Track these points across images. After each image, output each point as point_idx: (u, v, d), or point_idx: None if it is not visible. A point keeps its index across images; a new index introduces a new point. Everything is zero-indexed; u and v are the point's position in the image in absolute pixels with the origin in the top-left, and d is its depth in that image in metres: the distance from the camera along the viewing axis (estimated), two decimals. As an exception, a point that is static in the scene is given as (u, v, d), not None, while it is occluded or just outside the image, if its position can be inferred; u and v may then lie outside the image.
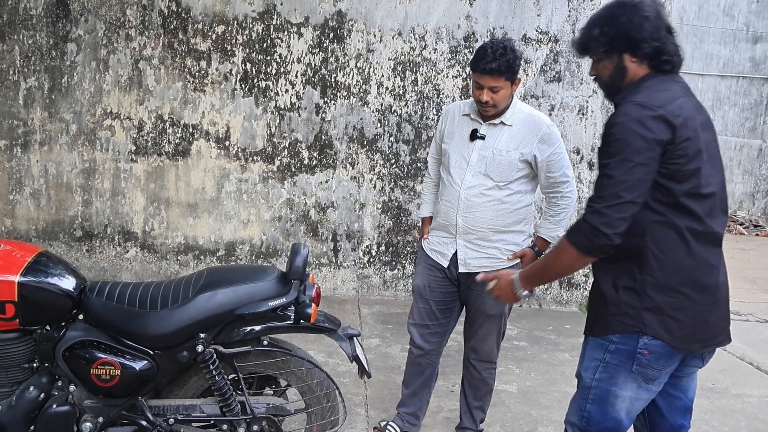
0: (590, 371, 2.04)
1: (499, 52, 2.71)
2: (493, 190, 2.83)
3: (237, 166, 5.42)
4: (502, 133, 2.83)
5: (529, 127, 2.83)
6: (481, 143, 2.84)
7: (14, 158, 5.34)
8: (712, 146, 1.98)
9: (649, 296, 1.90)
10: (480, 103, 2.80)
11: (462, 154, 2.88)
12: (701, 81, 12.01)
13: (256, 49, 5.31)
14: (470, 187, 2.83)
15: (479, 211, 2.84)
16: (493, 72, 2.71)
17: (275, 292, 2.41)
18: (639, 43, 1.95)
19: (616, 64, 2.00)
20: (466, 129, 2.89)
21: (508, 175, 2.82)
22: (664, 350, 1.93)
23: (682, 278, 1.90)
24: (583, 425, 2.06)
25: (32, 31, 5.22)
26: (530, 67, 5.46)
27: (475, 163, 2.84)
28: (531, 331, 4.96)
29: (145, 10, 5.24)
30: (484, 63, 2.71)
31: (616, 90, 2.03)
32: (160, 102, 5.33)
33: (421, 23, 5.37)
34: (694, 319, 1.92)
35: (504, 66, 2.71)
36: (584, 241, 1.88)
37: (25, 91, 5.28)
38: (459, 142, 2.90)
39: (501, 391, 3.88)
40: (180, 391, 2.51)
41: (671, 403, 2.13)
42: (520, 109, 2.89)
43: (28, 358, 2.37)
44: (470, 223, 2.86)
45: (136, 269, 5.48)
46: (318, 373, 2.54)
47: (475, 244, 2.89)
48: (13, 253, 2.39)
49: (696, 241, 1.90)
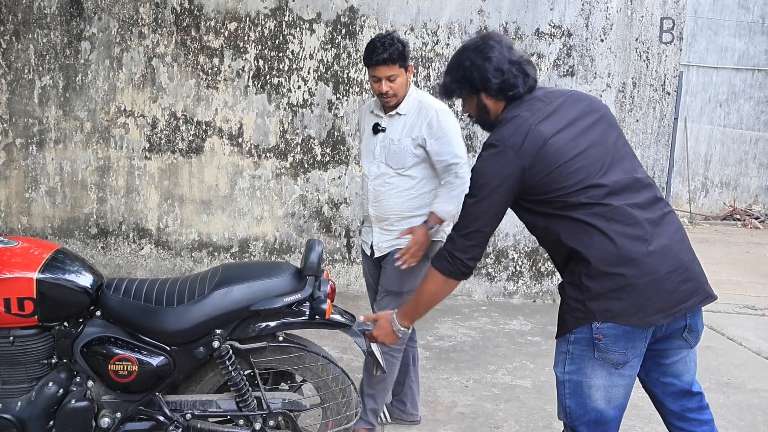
0: (559, 366, 2.08)
1: (387, 43, 2.82)
2: (394, 178, 2.97)
3: (250, 163, 5.44)
4: (399, 122, 2.97)
5: (420, 114, 2.94)
6: (382, 135, 2.99)
7: (30, 156, 5.39)
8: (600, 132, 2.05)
9: (586, 286, 1.96)
10: (381, 96, 2.91)
11: (369, 148, 3.04)
12: (716, 74, 11.90)
13: (269, 46, 5.32)
14: (376, 177, 3.00)
15: (386, 199, 2.99)
16: (387, 61, 2.82)
17: (290, 288, 2.42)
18: (485, 82, 2.09)
19: (477, 103, 2.17)
20: (371, 124, 3.05)
21: (404, 161, 2.94)
22: (617, 331, 1.95)
23: (608, 261, 1.94)
24: (568, 421, 2.09)
25: (46, 30, 5.26)
26: (543, 61, 5.43)
27: (378, 155, 2.99)
28: (545, 327, 4.95)
29: (158, 8, 5.26)
30: (376, 55, 2.82)
31: (489, 125, 2.19)
32: (173, 99, 5.35)
33: (433, 18, 5.35)
34: (640, 293, 1.93)
35: (395, 54, 2.82)
36: (446, 265, 2.10)
37: (40, 89, 5.32)
38: (366, 137, 3.08)
39: (515, 386, 3.87)
40: (196, 386, 2.52)
41: (665, 389, 2.13)
42: (414, 98, 2.99)
43: (47, 354, 2.39)
44: (380, 212, 3.02)
45: (151, 266, 5.52)
46: (333, 368, 2.54)
47: (386, 230, 3.04)
48: (30, 251, 2.41)
49: (607, 221, 1.94)
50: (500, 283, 5.64)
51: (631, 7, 5.42)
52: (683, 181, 11.76)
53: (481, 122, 2.24)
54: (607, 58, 5.45)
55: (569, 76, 5.45)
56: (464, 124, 5.44)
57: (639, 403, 3.74)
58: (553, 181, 1.97)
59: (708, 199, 12.20)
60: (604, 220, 1.95)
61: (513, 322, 5.04)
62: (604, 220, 1.95)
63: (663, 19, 5.46)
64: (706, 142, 12.04)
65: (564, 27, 5.41)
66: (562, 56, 5.44)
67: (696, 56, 11.76)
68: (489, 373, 4.05)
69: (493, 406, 3.60)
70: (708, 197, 12.20)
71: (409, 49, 2.99)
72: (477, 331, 4.80)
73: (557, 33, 5.42)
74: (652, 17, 5.43)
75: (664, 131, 5.55)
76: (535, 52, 5.41)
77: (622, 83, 5.49)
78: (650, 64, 5.48)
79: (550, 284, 5.61)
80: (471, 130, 5.46)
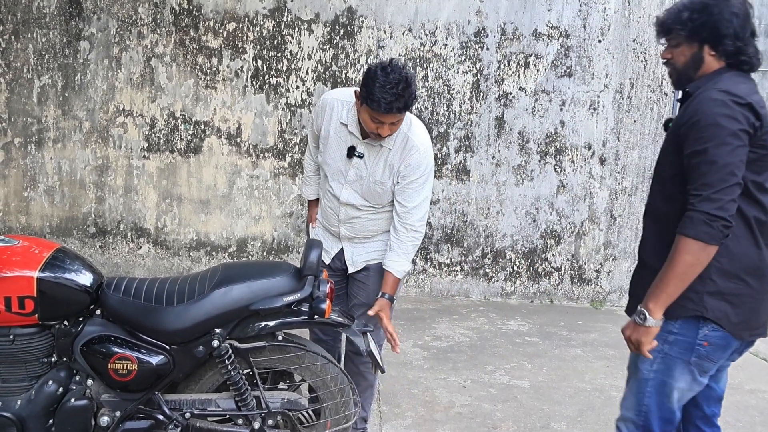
0: (647, 362, 2.01)
1: (401, 87, 2.43)
2: (369, 211, 2.78)
3: (248, 163, 5.45)
4: (380, 156, 2.67)
5: (403, 151, 2.65)
6: (358, 162, 2.67)
7: (28, 155, 5.39)
8: None
9: (712, 280, 1.91)
10: (374, 135, 2.56)
11: (339, 168, 2.74)
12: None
13: (267, 46, 5.33)
14: (347, 203, 2.76)
15: (360, 222, 2.81)
16: (400, 110, 2.47)
17: (290, 288, 2.43)
18: (723, 38, 1.96)
19: (695, 54, 2.01)
20: (343, 142, 2.70)
21: (383, 200, 2.75)
22: (722, 341, 1.94)
23: (746, 265, 1.93)
24: (641, 420, 2.06)
25: (45, 30, 5.26)
26: (541, 62, 5.45)
27: (351, 181, 2.73)
28: (542, 327, 4.97)
29: (156, 8, 5.27)
30: (387, 103, 2.42)
31: (687, 79, 2.04)
32: (172, 99, 5.36)
33: (431, 19, 5.36)
34: (749, 306, 1.95)
35: (410, 101, 2.48)
36: (705, 230, 1.83)
37: (39, 89, 5.32)
38: (336, 155, 2.73)
39: (513, 386, 3.89)
40: (196, 385, 2.53)
41: (706, 393, 2.14)
42: (403, 132, 2.65)
43: (47, 352, 2.39)
44: (352, 232, 2.84)
45: (149, 265, 5.52)
46: (332, 368, 2.55)
47: (360, 244, 2.87)
48: (31, 249, 2.42)
49: (760, 231, 1.95)
50: (498, 283, 5.66)
51: (629, 8, 5.44)
52: (680, 182, 11.78)
53: (680, 73, 2.06)
54: (604, 58, 5.47)
55: (567, 77, 5.47)
56: (462, 124, 5.46)
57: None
58: (753, 164, 1.89)
59: (705, 200, 12.22)
60: (761, 229, 1.95)
61: (510, 323, 5.06)
62: (760, 229, 1.95)
63: (660, 21, 5.47)
64: (703, 143, 12.06)
65: (562, 28, 5.43)
66: (559, 57, 5.46)
67: (693, 57, 11.78)
68: (487, 374, 4.06)
69: (491, 407, 3.61)
70: (705, 198, 12.23)
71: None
72: (474, 332, 4.81)
73: (555, 34, 5.44)
74: (650, 18, 5.44)
75: (662, 132, 5.57)
76: (532, 53, 5.43)
77: (619, 84, 5.51)
78: (648, 64, 5.50)
79: (547, 285, 5.63)
80: (468, 130, 5.47)
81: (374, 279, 2.87)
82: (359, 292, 2.92)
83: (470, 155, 5.52)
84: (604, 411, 3.62)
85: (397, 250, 2.74)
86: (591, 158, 5.57)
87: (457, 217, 5.58)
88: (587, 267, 5.67)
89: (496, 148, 5.52)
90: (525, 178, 5.56)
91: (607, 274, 5.69)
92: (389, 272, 2.74)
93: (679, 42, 2.03)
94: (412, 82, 2.47)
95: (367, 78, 2.47)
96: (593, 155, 5.57)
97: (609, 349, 4.59)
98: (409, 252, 2.76)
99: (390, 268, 2.74)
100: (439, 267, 5.62)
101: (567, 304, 5.62)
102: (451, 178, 5.51)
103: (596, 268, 5.68)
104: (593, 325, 5.10)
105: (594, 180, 5.58)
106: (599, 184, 5.59)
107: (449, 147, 5.47)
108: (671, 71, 2.10)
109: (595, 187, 5.59)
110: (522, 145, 5.52)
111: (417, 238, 2.76)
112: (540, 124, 5.51)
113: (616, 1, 5.43)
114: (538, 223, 5.62)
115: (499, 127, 5.50)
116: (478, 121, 5.48)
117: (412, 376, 3.95)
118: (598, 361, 4.37)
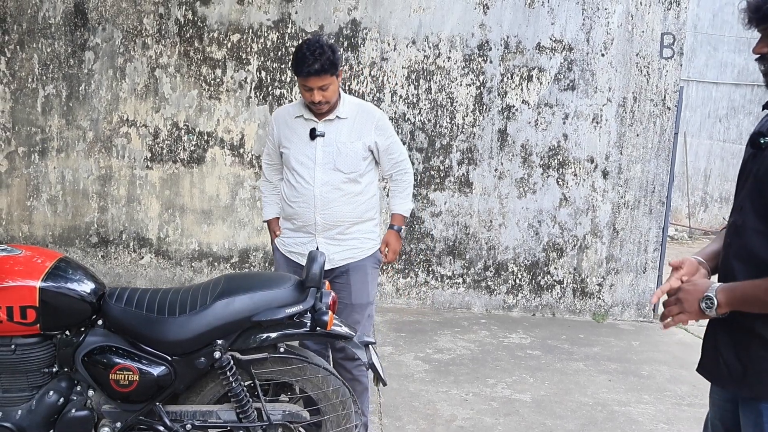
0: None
1: (317, 52, 2.76)
2: (347, 184, 2.93)
3: (251, 173, 5.46)
4: (341, 126, 2.95)
5: (364, 117, 2.98)
6: (322, 140, 2.92)
7: (32, 165, 5.40)
8: None
9: None
10: (313, 104, 2.86)
11: (306, 155, 2.94)
12: (715, 89, 11.96)
13: (271, 58, 5.35)
14: (323, 183, 2.91)
15: (336, 206, 2.93)
16: (319, 72, 2.77)
17: (292, 300, 2.42)
18: None
19: None
20: (304, 130, 2.96)
21: (357, 165, 2.94)
22: None
23: None
24: None
25: (51, 40, 5.29)
26: (544, 75, 5.46)
27: (321, 161, 2.92)
28: (544, 340, 4.95)
29: (161, 19, 5.30)
30: (307, 66, 2.76)
31: None
32: (175, 109, 5.38)
33: (435, 32, 5.39)
34: None
35: (327, 64, 2.77)
36: None
37: (44, 98, 5.35)
38: (299, 144, 2.96)
39: (515, 400, 3.87)
40: (197, 397, 2.52)
41: None
42: (349, 101, 3.01)
43: (48, 362, 2.38)
44: (329, 219, 2.94)
45: (151, 275, 5.52)
46: (334, 380, 2.54)
47: (336, 239, 2.97)
48: (33, 259, 2.41)
49: None
50: (499, 296, 5.64)
51: (632, 23, 5.46)
52: (683, 195, 11.79)
53: None
54: (607, 72, 5.49)
55: (570, 90, 5.49)
56: (464, 137, 5.46)
57: (639, 419, 3.74)
58: None
59: (707, 214, 12.22)
60: None
61: (512, 336, 5.04)
62: None
63: (663, 35, 5.50)
64: (705, 157, 12.08)
65: (565, 41, 5.45)
66: (563, 70, 5.47)
67: (695, 71, 11.83)
68: (488, 387, 4.04)
69: (493, 420, 3.59)
70: (707, 212, 12.23)
71: (339, 53, 2.96)
72: (476, 345, 4.79)
73: (558, 47, 5.46)
74: (653, 33, 5.47)
75: (665, 146, 5.58)
76: (535, 66, 5.45)
77: (622, 98, 5.52)
78: (651, 78, 5.51)
79: (549, 298, 5.62)
80: (471, 143, 5.48)
81: (356, 278, 2.99)
82: (340, 294, 2.95)
83: (473, 168, 5.52)
84: (607, 425, 3.60)
85: (400, 194, 3.13)
86: (594, 172, 5.57)
87: (459, 230, 5.58)
88: (589, 280, 5.66)
89: (499, 161, 5.52)
90: (527, 190, 5.56)
91: (610, 288, 5.68)
92: (397, 213, 3.13)
93: None
94: (327, 49, 2.78)
95: (294, 53, 2.86)
96: (596, 168, 5.57)
97: (611, 363, 4.57)
98: (409, 192, 3.14)
99: (397, 210, 3.13)
100: (441, 279, 5.61)
101: (569, 317, 5.60)
102: (454, 191, 5.51)
103: (598, 281, 5.66)
104: (595, 339, 5.08)
105: (596, 193, 5.58)
106: (602, 198, 5.59)
107: (452, 159, 5.48)
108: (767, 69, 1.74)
109: (598, 200, 5.59)
110: (525, 158, 5.53)
111: (411, 177, 3.15)
112: (543, 137, 5.52)
113: (619, 15, 5.45)
114: (540, 236, 5.61)
115: (501, 140, 5.51)
116: (480, 133, 5.49)
117: (413, 389, 3.93)
118: (600, 375, 4.35)
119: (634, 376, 4.38)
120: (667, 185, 5.65)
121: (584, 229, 5.62)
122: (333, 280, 2.97)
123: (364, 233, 3.02)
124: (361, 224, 3.00)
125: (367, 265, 3.04)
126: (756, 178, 1.67)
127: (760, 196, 1.64)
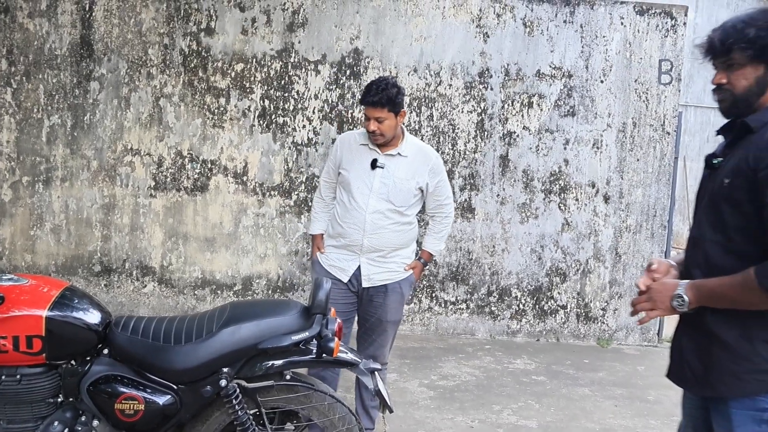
0: None
1: (381, 87, 3.05)
2: (394, 214, 3.18)
3: (254, 201, 5.48)
4: (400, 163, 3.20)
5: (421, 159, 3.24)
6: (381, 171, 3.17)
7: (36, 194, 5.42)
8: None
9: None
10: (369, 133, 3.12)
11: (364, 181, 3.18)
12: (713, 114, 12.03)
13: (274, 86, 5.41)
14: (375, 211, 3.15)
15: (384, 233, 3.18)
16: (376, 104, 3.05)
17: (298, 327, 2.42)
18: None
19: (760, 77, 1.76)
20: (366, 158, 3.20)
21: (407, 200, 3.20)
22: None
23: None
24: None
25: (56, 71, 5.35)
26: (544, 101, 5.51)
27: (377, 190, 3.16)
28: (549, 366, 4.92)
29: (166, 50, 5.36)
30: (368, 97, 3.07)
31: (745, 106, 1.80)
32: (179, 138, 5.42)
33: (436, 60, 5.45)
34: None
35: (384, 99, 3.04)
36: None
37: (48, 128, 5.39)
38: (360, 170, 3.20)
39: (521, 426, 3.84)
40: (203, 426, 2.50)
41: None
42: (412, 143, 3.28)
43: (53, 392, 2.38)
44: (375, 243, 3.18)
45: (154, 304, 5.51)
46: (340, 407, 2.53)
47: (377, 261, 3.21)
48: (39, 288, 2.42)
49: None
50: (503, 321, 5.62)
51: (630, 50, 5.53)
52: (683, 219, 11.79)
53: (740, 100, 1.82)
54: (607, 98, 5.54)
55: (570, 116, 5.53)
56: (466, 163, 5.50)
57: None
58: None
59: (709, 238, 12.20)
60: None
61: (517, 361, 5.01)
62: None
63: (661, 61, 5.56)
64: (705, 181, 12.10)
65: (564, 68, 5.51)
66: (563, 96, 5.52)
67: (693, 96, 11.92)
68: (494, 413, 4.01)
69: (499, 447, 3.56)
70: (709, 236, 12.21)
71: (404, 95, 3.18)
72: (481, 371, 4.77)
73: (558, 74, 5.52)
74: (651, 59, 5.53)
75: (665, 170, 5.60)
76: (536, 93, 5.50)
77: (622, 123, 5.57)
78: (650, 104, 5.56)
79: (553, 323, 5.60)
80: (473, 169, 5.51)
81: (393, 297, 3.21)
82: (376, 312, 3.24)
83: (475, 193, 5.55)
84: (615, 452, 3.57)
85: (436, 234, 3.40)
86: (595, 196, 5.59)
87: (462, 255, 5.58)
88: (593, 305, 5.64)
89: (501, 187, 5.55)
90: (530, 216, 5.58)
91: (613, 312, 5.66)
92: (427, 250, 3.40)
93: (741, 63, 1.77)
94: (391, 87, 3.07)
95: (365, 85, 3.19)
96: (597, 193, 5.59)
97: (617, 389, 4.53)
98: (444, 235, 3.41)
99: (428, 248, 3.41)
100: (444, 305, 5.60)
101: (573, 342, 5.57)
102: (456, 216, 5.52)
103: (602, 306, 5.65)
104: (600, 364, 5.05)
105: (598, 218, 5.60)
106: (604, 222, 5.60)
107: (454, 185, 5.50)
108: (724, 97, 1.84)
109: (600, 225, 5.60)
110: (526, 183, 5.55)
111: (450, 221, 3.41)
112: (544, 163, 5.55)
113: (617, 42, 5.52)
114: (543, 261, 5.61)
115: (503, 166, 5.54)
116: (482, 159, 5.52)
117: (418, 416, 3.90)
118: (606, 401, 4.32)
119: (640, 401, 4.35)
120: (669, 209, 5.66)
121: (587, 253, 5.62)
122: (371, 299, 3.23)
123: (403, 258, 3.28)
124: (401, 250, 3.26)
125: (403, 286, 3.26)
126: (711, 194, 1.85)
127: (715, 210, 1.82)
